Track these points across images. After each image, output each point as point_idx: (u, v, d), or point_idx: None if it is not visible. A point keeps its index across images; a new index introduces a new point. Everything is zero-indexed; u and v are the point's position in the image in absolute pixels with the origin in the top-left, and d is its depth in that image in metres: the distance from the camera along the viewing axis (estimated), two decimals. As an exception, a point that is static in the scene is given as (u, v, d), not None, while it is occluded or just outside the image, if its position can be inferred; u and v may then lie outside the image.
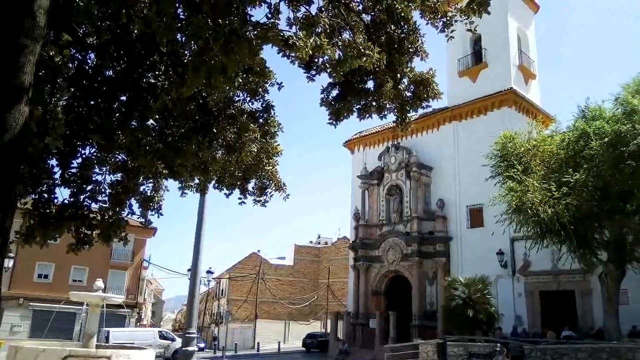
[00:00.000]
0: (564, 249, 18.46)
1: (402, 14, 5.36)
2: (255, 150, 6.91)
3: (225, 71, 4.46)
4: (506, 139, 19.86)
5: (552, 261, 22.52)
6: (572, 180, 16.51)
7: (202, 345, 37.77)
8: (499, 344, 17.29)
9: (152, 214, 7.54)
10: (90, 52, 6.27)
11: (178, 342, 26.63)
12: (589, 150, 16.69)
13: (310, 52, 4.57)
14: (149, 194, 7.45)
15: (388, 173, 31.62)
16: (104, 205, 7.03)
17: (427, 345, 21.22)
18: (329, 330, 34.46)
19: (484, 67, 29.70)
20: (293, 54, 4.57)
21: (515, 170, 18.03)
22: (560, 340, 19.62)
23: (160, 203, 7.54)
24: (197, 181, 7.41)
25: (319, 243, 65.88)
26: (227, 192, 7.53)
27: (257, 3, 5.02)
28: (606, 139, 16.30)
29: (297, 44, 4.45)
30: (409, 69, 6.02)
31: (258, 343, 38.15)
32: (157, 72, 6.04)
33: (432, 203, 29.53)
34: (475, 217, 27.40)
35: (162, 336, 31.30)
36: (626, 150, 15.50)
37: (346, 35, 5.82)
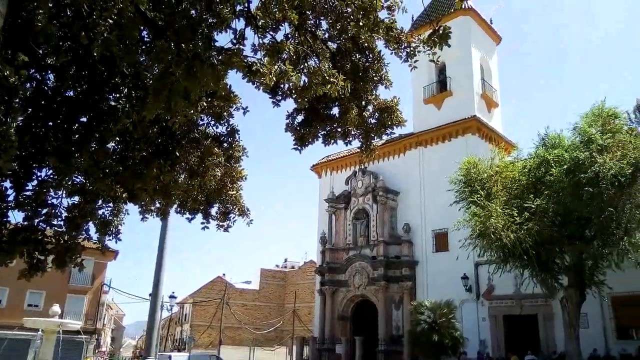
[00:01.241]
0: (526, 273, 18.75)
1: (366, 44, 5.44)
2: (219, 174, 6.81)
3: (188, 95, 4.41)
4: (470, 165, 20.20)
5: (515, 285, 22.87)
6: (533, 205, 16.86)
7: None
8: (464, 369, 17.35)
9: (109, 239, 7.32)
10: (49, 72, 6.11)
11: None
12: (549, 177, 17.11)
13: (275, 78, 4.58)
14: (107, 218, 7.24)
15: (355, 197, 31.76)
16: (60, 230, 6.78)
17: (392, 370, 21.14)
18: (294, 356, 33.91)
19: (448, 95, 30.44)
20: (257, 80, 4.57)
21: (478, 195, 18.32)
22: (523, 364, 19.84)
23: (119, 227, 7.33)
24: (158, 205, 7.25)
25: (286, 267, 65.30)
26: (189, 216, 7.39)
27: (223, 28, 5.00)
28: (565, 166, 16.77)
29: (261, 70, 4.45)
30: (373, 96, 6.10)
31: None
32: (118, 95, 5.92)
33: (398, 227, 29.73)
34: (441, 241, 27.69)
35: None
36: (584, 177, 15.95)
37: (312, 62, 5.87)
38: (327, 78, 4.96)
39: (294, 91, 5.40)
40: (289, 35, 5.82)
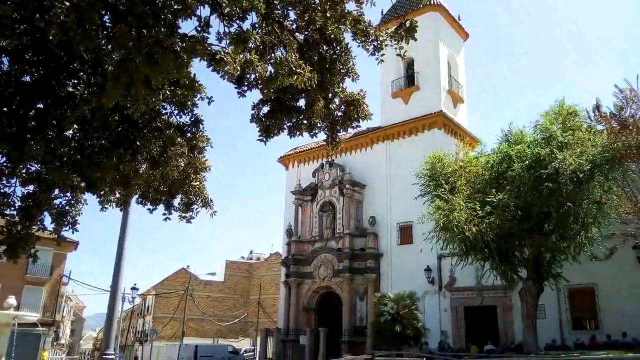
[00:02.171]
0: (487, 265, 19.19)
1: (333, 36, 5.40)
2: (182, 165, 6.67)
3: (149, 83, 4.28)
4: (435, 160, 20.50)
5: (476, 278, 23.38)
6: (495, 200, 17.24)
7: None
8: (424, 359, 17.66)
9: (66, 230, 7.08)
10: (4, 55, 5.84)
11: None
12: (511, 172, 17.52)
13: (239, 68, 4.49)
14: (64, 208, 7.00)
15: (322, 190, 31.82)
16: (12, 220, 6.51)
17: (355, 361, 21.34)
18: (258, 348, 33.88)
19: (415, 89, 30.73)
20: (221, 69, 4.47)
21: (443, 189, 18.62)
22: (482, 354, 20.34)
23: (76, 218, 7.10)
24: (118, 195, 7.06)
25: (251, 259, 65.06)
26: (151, 207, 7.22)
27: (187, 15, 4.87)
28: (526, 162, 17.21)
29: (226, 59, 4.36)
30: (340, 89, 6.07)
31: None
32: (76, 81, 5.71)
33: (364, 220, 29.96)
34: (405, 234, 28.06)
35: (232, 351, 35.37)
36: (544, 173, 16.40)
37: (279, 53, 5.79)
38: (294, 69, 4.91)
39: (259, 82, 5.33)
40: (256, 25, 5.72)
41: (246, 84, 5.97)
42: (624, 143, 16.48)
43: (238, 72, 4.67)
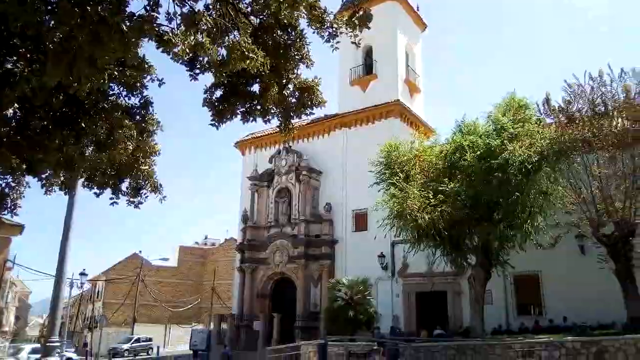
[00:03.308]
0: (438, 252, 19.65)
1: (286, 21, 5.32)
2: (131, 148, 6.47)
3: (94, 62, 4.10)
4: (391, 148, 20.72)
5: (427, 264, 23.86)
6: (447, 189, 17.62)
7: (71, 351, 34.95)
8: (376, 343, 17.98)
9: (5, 214, 6.76)
10: None
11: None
12: (464, 162, 17.91)
13: (188, 50, 4.36)
14: (4, 190, 6.67)
15: (278, 176, 31.71)
16: (-53, 203, 6.17)
17: (308, 346, 21.49)
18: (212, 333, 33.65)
19: (373, 78, 30.90)
20: (170, 50, 4.33)
21: (397, 177, 18.87)
22: (432, 338, 20.90)
23: (17, 201, 6.78)
24: (62, 179, 6.78)
25: (206, 244, 64.37)
26: (97, 191, 6.97)
27: (136, -7, 4.69)
28: (478, 152, 17.62)
29: (174, 40, 4.22)
30: (294, 75, 6.00)
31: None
32: (16, 58, 5.40)
33: (320, 206, 30.08)
34: (360, 221, 28.37)
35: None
36: (495, 163, 16.87)
37: (232, 36, 5.65)
38: (247, 53, 4.81)
39: (212, 65, 5.20)
40: (210, 6, 5.57)
41: (199, 66, 5.81)
42: (570, 136, 17.13)
43: (188, 55, 4.54)
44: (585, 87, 17.67)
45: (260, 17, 5.86)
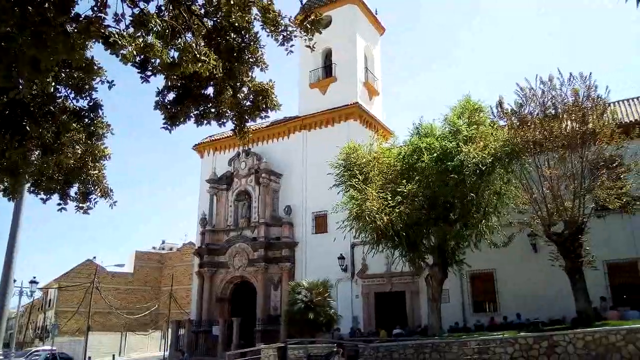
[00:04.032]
0: (396, 253, 19.94)
1: (237, 24, 5.25)
2: (79, 152, 6.24)
3: (37, 64, 3.93)
4: (350, 150, 20.88)
5: (386, 265, 24.22)
6: (405, 190, 17.89)
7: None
8: (335, 345, 18.03)
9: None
10: None
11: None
12: (421, 164, 18.23)
13: (137, 52, 4.24)
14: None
15: (237, 178, 31.42)
16: None
17: (268, 349, 21.38)
18: (169, 340, 33.01)
19: (333, 80, 31.06)
20: (117, 53, 4.20)
21: (356, 179, 19.03)
22: (391, 338, 21.14)
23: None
24: (7, 184, 6.47)
25: (163, 249, 63.12)
26: (44, 197, 6.70)
27: (82, -8, 4.52)
28: (435, 154, 18.00)
29: (120, 42, 4.10)
30: (249, 78, 5.93)
31: (89, 358, 35.06)
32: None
33: (280, 209, 29.97)
34: (320, 223, 28.43)
35: None
36: (450, 165, 17.27)
37: (186, 39, 5.55)
38: (199, 56, 4.73)
39: (163, 67, 5.08)
40: (162, 8, 5.45)
41: (150, 69, 5.68)
42: (522, 138, 17.72)
43: (136, 57, 4.42)
44: (537, 91, 18.29)
45: (214, 19, 5.78)
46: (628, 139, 17.40)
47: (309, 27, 4.93)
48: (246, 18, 5.17)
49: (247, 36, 5.64)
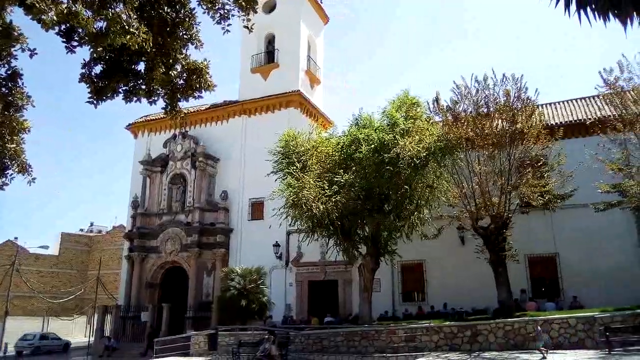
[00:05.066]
0: (331, 242, 20.15)
1: (172, -5, 5.04)
2: (-5, 123, 5.80)
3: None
4: (289, 138, 20.79)
5: (321, 253, 24.44)
6: (342, 180, 18.06)
7: None
8: (267, 332, 18.03)
9: None
10: None
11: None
12: (359, 154, 18.46)
13: (59, 19, 3.96)
14: None
15: (173, 161, 30.55)
16: None
17: (198, 336, 21.10)
18: (94, 325, 31.82)
19: (275, 67, 30.73)
20: (37, 18, 3.90)
21: (294, 167, 18.99)
22: (322, 325, 21.40)
23: None
24: None
25: (92, 231, 60.56)
26: (-48, 171, 6.19)
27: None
28: (372, 146, 18.25)
29: (39, 5, 3.80)
30: (182, 55, 5.71)
31: (6, 344, 33.16)
32: None
33: (216, 194, 29.47)
34: (257, 210, 28.21)
35: None
36: (387, 157, 17.57)
37: (118, 9, 5.26)
38: (128, 28, 4.49)
39: (89, 37, 4.78)
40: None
41: (77, 38, 5.34)
42: (455, 134, 18.32)
43: (59, 24, 4.13)
44: (471, 89, 18.92)
45: (148, -10, 5.51)
46: (553, 140, 18.37)
47: (244, 4, 4.79)
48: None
49: (182, 11, 5.42)
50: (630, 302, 16.94)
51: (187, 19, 5.45)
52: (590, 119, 20.36)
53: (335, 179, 18.27)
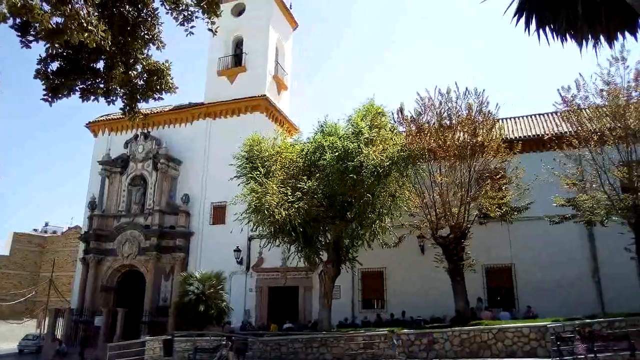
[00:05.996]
0: (292, 248, 20.08)
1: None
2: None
3: None
4: (253, 142, 20.65)
5: (282, 259, 24.33)
6: (305, 186, 18.06)
7: None
8: (225, 338, 17.78)
9: None
10: None
11: None
12: (323, 161, 18.50)
13: (9, 12, 3.82)
14: None
15: (134, 162, 29.89)
16: None
17: (154, 341, 20.62)
18: (45, 329, 30.68)
19: (242, 70, 30.54)
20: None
21: (258, 172, 18.87)
22: (281, 332, 21.27)
23: None
24: None
25: (46, 232, 58.57)
26: None
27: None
28: (337, 153, 18.33)
29: (-10, -2, 3.66)
30: (143, 56, 5.60)
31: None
32: None
33: (177, 197, 28.95)
34: (218, 214, 27.85)
35: None
36: (350, 165, 17.67)
37: (77, 5, 5.11)
38: (85, 25, 4.36)
39: (45, 33, 4.62)
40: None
41: (33, 33, 5.16)
42: (418, 145, 18.63)
43: (12, 18, 3.97)
44: (435, 101, 19.28)
45: (110, -12, 5.38)
46: (511, 154, 18.88)
47: (207, 7, 4.73)
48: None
49: (144, 10, 5.31)
50: (582, 312, 17.54)
51: (149, 19, 5.35)
52: (547, 134, 21.02)
53: (299, 186, 18.25)
